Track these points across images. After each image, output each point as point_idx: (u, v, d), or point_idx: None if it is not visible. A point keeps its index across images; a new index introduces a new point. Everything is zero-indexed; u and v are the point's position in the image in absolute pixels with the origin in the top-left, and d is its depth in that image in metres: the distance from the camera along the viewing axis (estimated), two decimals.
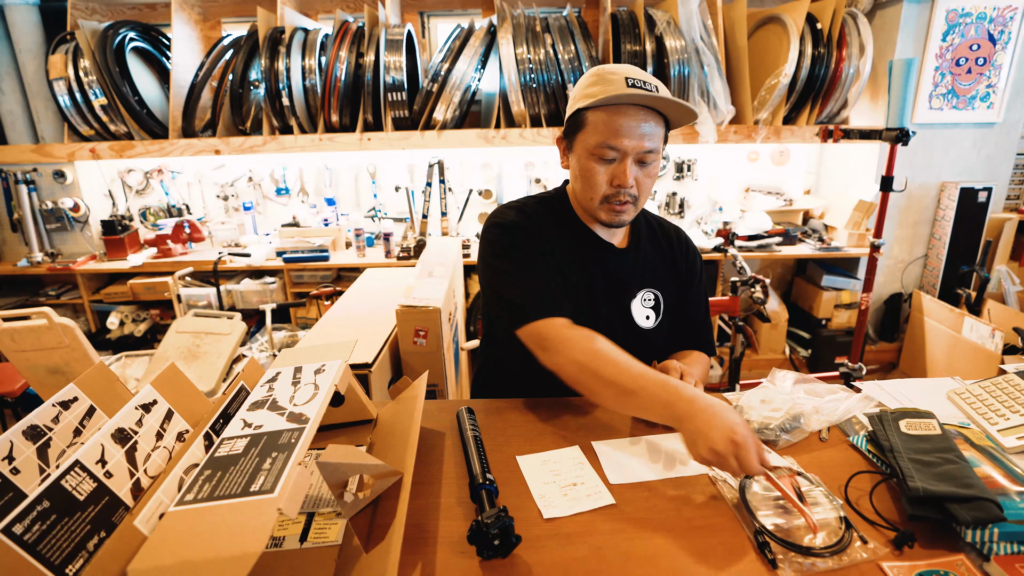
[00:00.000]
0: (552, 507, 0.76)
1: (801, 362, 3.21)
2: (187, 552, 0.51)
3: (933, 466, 0.75)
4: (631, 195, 1.01)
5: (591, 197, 1.02)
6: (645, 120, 0.96)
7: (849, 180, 3.18)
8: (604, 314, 1.10)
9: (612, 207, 1.02)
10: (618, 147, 0.96)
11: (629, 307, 1.12)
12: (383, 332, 1.40)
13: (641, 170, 1.00)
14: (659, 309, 1.15)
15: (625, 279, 1.12)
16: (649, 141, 0.97)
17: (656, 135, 0.98)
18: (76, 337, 1.49)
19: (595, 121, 0.97)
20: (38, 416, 0.65)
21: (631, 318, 1.12)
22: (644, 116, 0.96)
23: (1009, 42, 2.80)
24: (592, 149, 0.98)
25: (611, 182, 0.99)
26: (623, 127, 0.95)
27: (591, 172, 1.00)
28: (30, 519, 0.55)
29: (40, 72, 2.89)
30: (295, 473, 0.57)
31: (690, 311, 1.21)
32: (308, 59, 2.72)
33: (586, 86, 0.99)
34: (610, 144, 0.96)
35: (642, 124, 0.96)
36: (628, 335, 1.10)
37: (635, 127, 0.95)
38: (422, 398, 0.85)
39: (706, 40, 2.70)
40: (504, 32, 2.65)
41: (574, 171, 1.05)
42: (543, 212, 1.11)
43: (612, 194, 1.00)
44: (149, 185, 3.25)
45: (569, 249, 1.09)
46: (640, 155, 0.98)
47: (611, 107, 0.96)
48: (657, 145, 0.99)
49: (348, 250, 3.18)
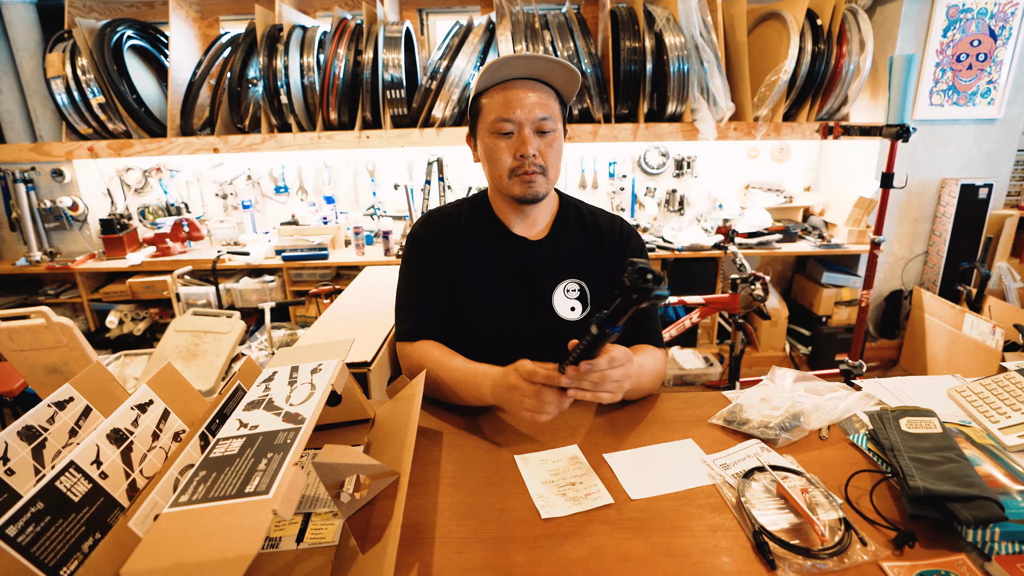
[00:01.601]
0: (550, 507, 0.75)
1: (801, 359, 3.21)
2: (181, 554, 0.50)
3: (934, 465, 0.74)
4: (537, 165, 1.04)
5: (499, 174, 1.06)
6: (534, 90, 1.03)
7: (849, 177, 3.17)
8: (523, 307, 1.12)
9: (521, 179, 1.05)
10: (512, 118, 1.02)
11: (550, 299, 1.12)
12: (382, 330, 1.40)
13: (541, 139, 1.04)
14: (586, 300, 1.14)
15: (542, 270, 1.13)
16: (540, 110, 1.02)
17: (547, 105, 1.03)
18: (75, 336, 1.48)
19: (488, 103, 1.05)
20: (33, 416, 0.65)
21: (552, 310, 1.12)
22: (532, 87, 1.03)
23: (1010, 38, 2.79)
24: (490, 127, 1.04)
25: (514, 155, 1.04)
26: (514, 99, 1.02)
27: (494, 149, 1.05)
28: (24, 520, 0.54)
29: (38, 71, 2.88)
30: (291, 474, 0.57)
31: None
32: (306, 57, 2.71)
33: (476, 78, 1.06)
34: (504, 116, 1.02)
35: (530, 94, 1.02)
36: (550, 326, 1.12)
37: (524, 97, 1.02)
38: (420, 398, 0.85)
39: (706, 36, 2.69)
40: (503, 29, 2.64)
41: (482, 157, 1.10)
42: (460, 214, 1.17)
43: (517, 166, 1.04)
44: (148, 184, 3.25)
45: (481, 245, 1.14)
46: (536, 123, 1.03)
47: (500, 85, 1.04)
48: (551, 114, 1.04)
49: (347, 248, 3.18)
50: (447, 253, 1.14)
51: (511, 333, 1.12)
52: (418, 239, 1.16)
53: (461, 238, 1.14)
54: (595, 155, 3.25)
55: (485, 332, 1.13)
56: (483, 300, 1.12)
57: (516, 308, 1.12)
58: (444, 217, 1.17)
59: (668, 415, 0.99)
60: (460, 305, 1.13)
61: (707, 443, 0.89)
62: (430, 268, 1.13)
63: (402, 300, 1.16)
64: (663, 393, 1.07)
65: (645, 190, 3.32)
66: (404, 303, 1.15)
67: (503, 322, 1.12)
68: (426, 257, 1.14)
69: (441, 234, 1.14)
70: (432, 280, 1.13)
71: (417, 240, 1.16)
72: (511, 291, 1.12)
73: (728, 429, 0.93)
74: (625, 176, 3.27)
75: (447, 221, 1.16)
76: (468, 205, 1.19)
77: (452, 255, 1.13)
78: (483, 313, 1.12)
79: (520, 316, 1.12)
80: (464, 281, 1.12)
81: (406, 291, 1.16)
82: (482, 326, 1.12)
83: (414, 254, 1.16)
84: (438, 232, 1.15)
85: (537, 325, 1.12)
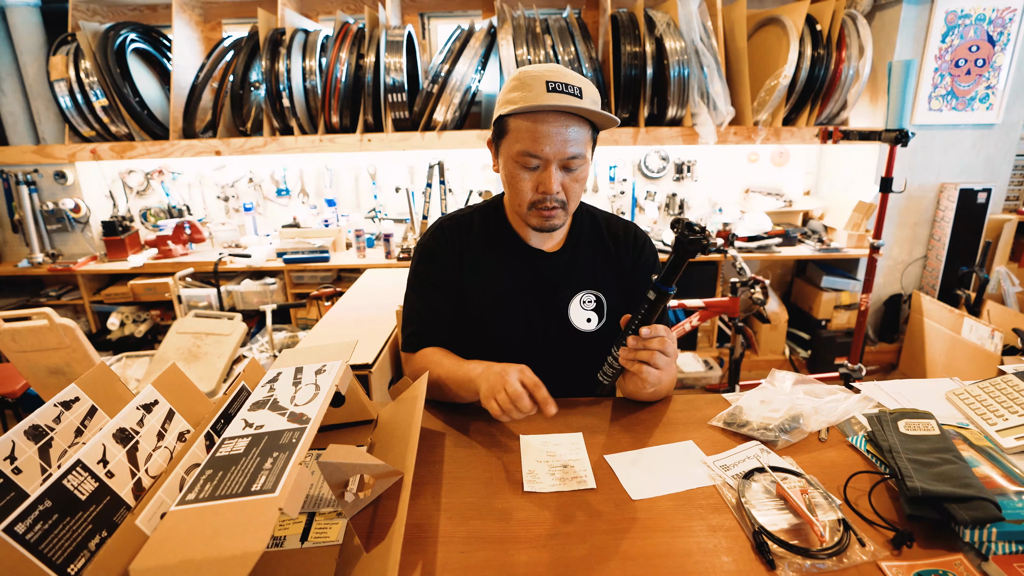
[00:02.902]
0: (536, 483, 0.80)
1: (801, 363, 3.21)
2: (188, 551, 0.51)
3: (932, 466, 0.75)
4: (558, 200, 1.00)
5: (519, 203, 1.02)
6: (567, 125, 0.94)
7: (848, 181, 3.18)
8: (538, 318, 1.10)
9: (540, 213, 1.01)
10: (540, 155, 0.95)
11: (567, 310, 1.11)
12: (383, 333, 1.41)
13: (567, 175, 0.99)
14: (602, 311, 1.12)
15: (558, 283, 1.11)
16: (572, 147, 0.95)
17: (580, 140, 0.96)
18: (77, 338, 1.49)
19: (517, 128, 0.96)
20: (40, 416, 0.65)
21: (568, 322, 1.11)
22: (566, 122, 0.94)
23: (1008, 43, 2.81)
24: (515, 156, 0.98)
25: (536, 188, 0.99)
26: (544, 134, 0.93)
27: (516, 179, 1.00)
28: (32, 518, 0.55)
29: (41, 73, 2.89)
30: (296, 473, 0.58)
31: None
32: (308, 60, 2.73)
33: (508, 91, 0.97)
34: (532, 152, 0.95)
35: (563, 130, 0.94)
36: (566, 338, 1.11)
37: (556, 134, 0.94)
38: (422, 398, 0.85)
39: (706, 41, 2.71)
40: (504, 33, 2.66)
41: (503, 177, 1.05)
42: (472, 224, 1.14)
43: (538, 200, 1.00)
44: (150, 186, 3.26)
45: (495, 256, 1.11)
46: (564, 161, 0.97)
47: (532, 114, 0.94)
48: (581, 151, 0.97)
49: (348, 251, 3.18)
50: (459, 264, 1.11)
51: (524, 344, 1.11)
52: (429, 251, 1.12)
53: (475, 248, 1.12)
54: (595, 159, 3.25)
55: (498, 343, 1.11)
56: (496, 311, 1.10)
57: (531, 320, 1.10)
58: (457, 227, 1.13)
59: (669, 417, 0.99)
60: (473, 316, 1.11)
61: (707, 445, 0.90)
62: (439, 281, 1.11)
63: (409, 313, 1.14)
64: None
65: (645, 194, 3.33)
66: (411, 315, 1.14)
67: (516, 333, 1.11)
68: (436, 269, 1.11)
69: (453, 245, 1.12)
70: (441, 294, 1.11)
71: (427, 252, 1.12)
72: (526, 302, 1.10)
73: (728, 431, 0.93)
74: (625, 180, 3.29)
75: (460, 231, 1.13)
76: (481, 214, 1.15)
77: (464, 266, 1.11)
78: (497, 324, 1.10)
79: (534, 327, 1.10)
80: (477, 292, 1.10)
81: (413, 303, 1.14)
82: (495, 337, 1.11)
83: (424, 267, 1.12)
84: (450, 243, 1.12)
85: (552, 336, 1.10)
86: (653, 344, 0.84)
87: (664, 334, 0.84)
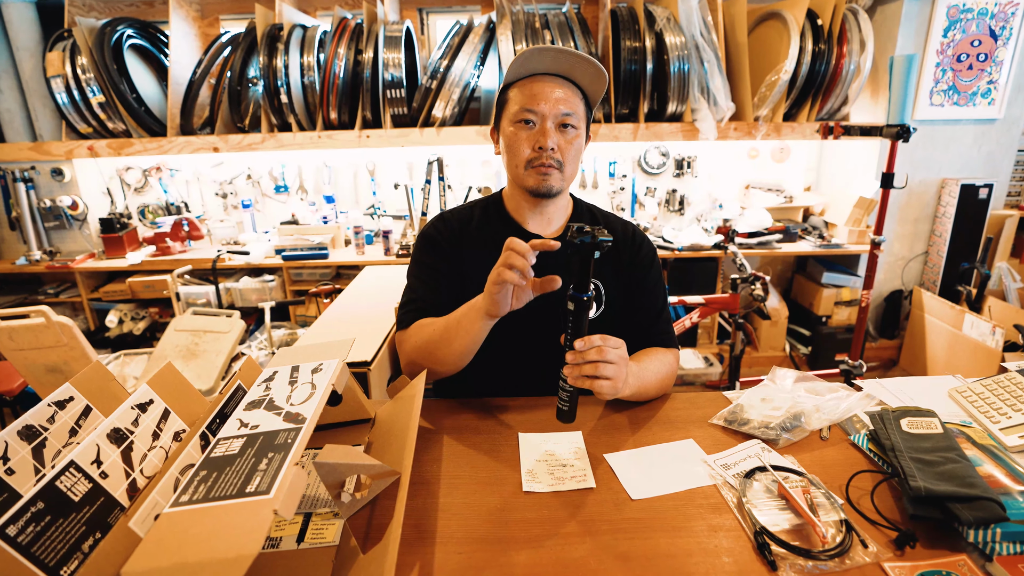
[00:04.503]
0: (535, 482, 0.79)
1: (801, 359, 3.21)
2: (183, 554, 0.50)
3: (935, 465, 0.74)
4: (555, 159, 1.05)
5: (516, 164, 1.08)
6: (560, 86, 1.05)
7: (849, 177, 3.17)
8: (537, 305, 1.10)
9: (537, 171, 1.06)
10: (536, 110, 1.03)
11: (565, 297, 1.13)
12: (382, 330, 1.39)
13: (562, 135, 1.05)
14: (601, 299, 1.15)
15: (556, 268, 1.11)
16: (564, 105, 1.04)
17: (572, 103, 1.05)
18: (74, 335, 1.48)
19: (514, 95, 1.07)
20: (33, 416, 0.64)
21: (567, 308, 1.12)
22: (559, 83, 1.05)
23: (1011, 38, 2.79)
24: (513, 118, 1.06)
25: (533, 146, 1.05)
26: (539, 92, 1.04)
27: (515, 139, 1.06)
28: (24, 520, 0.54)
29: (37, 70, 2.87)
30: (291, 473, 0.57)
31: (645, 303, 1.20)
32: (306, 56, 2.71)
33: (507, 70, 1.08)
34: (528, 108, 1.04)
35: (556, 89, 1.04)
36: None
37: (550, 91, 1.04)
38: (420, 397, 0.85)
39: (706, 36, 2.69)
40: (503, 28, 2.64)
41: (503, 148, 1.11)
42: (472, 217, 1.18)
43: (535, 157, 1.05)
44: (147, 183, 3.25)
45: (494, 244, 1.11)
46: (559, 118, 1.04)
47: (528, 78, 1.06)
48: (574, 111, 1.05)
49: (347, 248, 3.17)
50: (459, 254, 1.14)
51: (523, 332, 1.12)
52: (430, 239, 1.16)
53: (475, 239, 1.15)
54: (595, 155, 3.25)
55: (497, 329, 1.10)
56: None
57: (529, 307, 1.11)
58: (457, 218, 1.18)
59: (669, 415, 0.99)
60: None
61: (708, 443, 0.89)
62: (439, 265, 1.14)
63: (407, 293, 1.17)
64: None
65: (645, 190, 3.32)
66: (409, 296, 1.16)
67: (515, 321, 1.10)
68: (436, 255, 1.15)
69: (454, 234, 1.16)
70: (440, 276, 1.14)
71: (429, 239, 1.16)
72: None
73: (729, 429, 0.93)
74: (625, 176, 3.27)
75: (460, 222, 1.17)
76: (481, 208, 1.20)
77: (463, 253, 1.14)
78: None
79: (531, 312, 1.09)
80: (475, 278, 1.10)
81: (411, 284, 1.16)
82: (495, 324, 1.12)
83: (424, 252, 1.16)
84: (451, 232, 1.16)
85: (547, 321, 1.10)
86: (591, 355, 0.82)
87: (600, 343, 0.83)
